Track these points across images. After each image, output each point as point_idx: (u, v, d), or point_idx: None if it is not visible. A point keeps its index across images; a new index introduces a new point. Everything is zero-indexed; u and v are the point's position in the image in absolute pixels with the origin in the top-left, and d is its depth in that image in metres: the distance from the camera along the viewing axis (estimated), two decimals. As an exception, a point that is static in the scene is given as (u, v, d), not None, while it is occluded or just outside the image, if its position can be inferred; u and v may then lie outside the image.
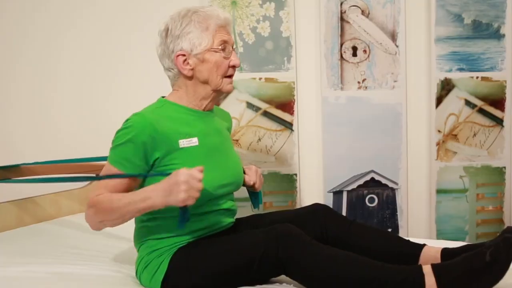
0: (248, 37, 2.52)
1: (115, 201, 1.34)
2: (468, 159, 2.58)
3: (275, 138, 2.56)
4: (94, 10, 2.58)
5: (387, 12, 2.53)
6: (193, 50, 1.48)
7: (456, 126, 2.57)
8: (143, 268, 1.44)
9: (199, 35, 1.48)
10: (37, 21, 2.57)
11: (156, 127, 1.40)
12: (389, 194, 2.59)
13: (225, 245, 1.39)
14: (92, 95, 2.56)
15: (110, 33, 2.57)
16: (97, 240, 1.84)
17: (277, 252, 1.28)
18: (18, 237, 1.86)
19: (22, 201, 2.05)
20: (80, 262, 1.55)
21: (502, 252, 1.16)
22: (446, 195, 2.59)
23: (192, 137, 1.46)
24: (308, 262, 1.25)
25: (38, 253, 1.63)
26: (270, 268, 1.30)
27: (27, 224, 2.03)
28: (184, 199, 1.29)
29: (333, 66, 2.54)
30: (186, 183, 1.28)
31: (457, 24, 2.54)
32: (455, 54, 2.54)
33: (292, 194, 2.57)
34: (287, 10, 2.51)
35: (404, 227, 2.59)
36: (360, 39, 2.54)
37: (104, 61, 2.57)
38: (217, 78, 1.51)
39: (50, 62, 2.58)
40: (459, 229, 2.60)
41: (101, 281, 1.39)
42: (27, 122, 2.58)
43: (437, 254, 1.38)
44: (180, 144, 1.44)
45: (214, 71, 1.50)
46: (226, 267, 1.35)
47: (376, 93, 2.55)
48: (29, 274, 1.41)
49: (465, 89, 2.56)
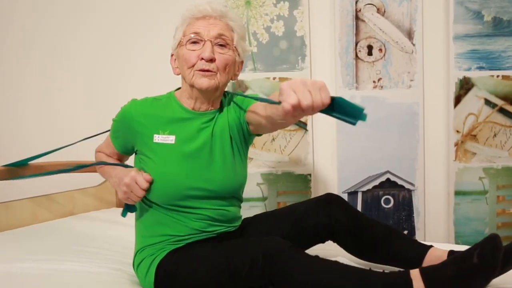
0: (262, 36, 2.52)
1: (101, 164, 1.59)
2: (488, 160, 2.51)
3: (289, 138, 2.55)
4: (103, 9, 2.62)
5: (404, 10, 2.49)
6: (173, 48, 1.50)
7: (476, 126, 2.51)
8: (137, 265, 1.46)
9: (178, 31, 1.48)
10: (46, 21, 2.64)
11: (136, 117, 1.46)
12: (405, 196, 2.54)
13: (216, 255, 1.34)
14: (101, 93, 2.62)
15: (119, 32, 2.61)
16: (107, 238, 1.88)
17: (264, 265, 1.23)
18: (31, 233, 1.91)
19: (38, 197, 2.11)
20: (83, 259, 1.58)
21: (488, 253, 1.12)
22: (465, 197, 2.52)
23: (170, 135, 1.44)
24: (295, 274, 1.20)
25: (46, 249, 1.67)
26: (256, 280, 1.26)
27: (42, 221, 2.09)
28: (122, 198, 1.41)
29: (348, 65, 2.51)
30: (127, 186, 1.38)
31: (477, 22, 2.47)
32: (475, 52, 2.47)
33: (306, 194, 2.55)
34: (301, 9, 2.50)
35: (421, 229, 2.54)
36: (376, 38, 2.51)
37: (112, 59, 2.62)
38: (187, 72, 1.43)
39: (59, 61, 2.65)
40: (478, 232, 2.53)
41: (96, 279, 1.42)
42: (37, 121, 2.66)
43: (443, 254, 1.34)
44: (154, 138, 1.45)
45: (185, 65, 1.44)
46: (213, 279, 1.31)
47: (392, 92, 2.51)
48: (31, 270, 1.44)
49: (484, 88, 2.49)
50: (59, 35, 2.64)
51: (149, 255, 1.43)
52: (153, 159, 1.44)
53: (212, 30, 1.42)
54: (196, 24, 1.44)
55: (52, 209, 2.13)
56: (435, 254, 1.29)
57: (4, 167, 1.93)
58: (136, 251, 1.49)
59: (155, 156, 1.44)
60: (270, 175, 2.55)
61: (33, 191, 2.12)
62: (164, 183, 1.41)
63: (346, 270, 1.21)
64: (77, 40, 2.64)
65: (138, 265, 1.45)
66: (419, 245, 1.37)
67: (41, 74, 2.66)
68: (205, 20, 1.44)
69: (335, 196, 1.49)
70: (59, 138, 2.21)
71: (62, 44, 2.64)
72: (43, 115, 2.66)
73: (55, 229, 1.96)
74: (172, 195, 1.42)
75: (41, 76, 2.66)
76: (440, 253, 1.30)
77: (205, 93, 1.45)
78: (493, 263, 1.11)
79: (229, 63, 1.46)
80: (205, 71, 1.41)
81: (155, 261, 1.41)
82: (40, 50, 2.65)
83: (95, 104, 2.62)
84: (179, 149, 1.44)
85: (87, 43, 2.64)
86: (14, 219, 2.00)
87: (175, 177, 1.41)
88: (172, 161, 1.42)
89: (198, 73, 1.42)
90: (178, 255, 1.39)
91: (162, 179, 1.41)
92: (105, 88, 2.62)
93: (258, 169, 2.55)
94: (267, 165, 2.55)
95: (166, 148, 1.43)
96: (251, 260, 1.24)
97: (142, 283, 1.44)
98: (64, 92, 2.65)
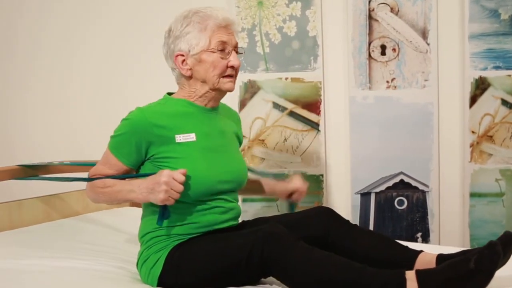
0: (274, 37, 2.52)
1: (108, 188, 1.46)
2: (505, 161, 2.46)
3: (301, 139, 2.54)
4: (112, 10, 2.66)
5: (418, 9, 2.45)
6: (190, 51, 1.51)
7: (492, 127, 2.46)
8: (142, 262, 1.48)
9: (196, 36, 1.50)
10: (55, 21, 2.71)
11: (153, 122, 1.47)
12: (419, 197, 2.51)
13: (217, 245, 1.39)
14: (110, 95, 2.65)
15: (126, 34, 2.65)
16: (115, 236, 1.90)
17: (262, 253, 1.27)
18: (42, 231, 1.95)
19: (50, 197, 2.14)
20: (88, 258, 1.61)
21: (486, 259, 1.12)
22: (481, 199, 2.48)
23: (190, 133, 1.50)
24: (290, 263, 1.24)
25: (53, 247, 1.71)
26: (256, 269, 1.30)
27: (54, 219, 2.13)
28: (163, 199, 1.35)
29: (361, 65, 2.49)
30: (166, 184, 1.34)
31: (493, 20, 2.42)
32: (491, 52, 2.43)
33: (318, 195, 2.54)
34: (314, 9, 2.49)
35: (435, 231, 2.51)
36: (389, 37, 2.48)
37: (121, 61, 2.66)
38: (214, 78, 1.52)
39: (68, 62, 2.72)
40: (495, 235, 2.45)
41: (97, 276, 1.44)
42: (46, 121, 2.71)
43: (432, 259, 1.33)
44: (176, 139, 1.48)
45: (211, 71, 1.51)
46: (215, 268, 1.36)
47: (406, 92, 2.48)
48: (34, 267, 1.48)
49: (501, 88, 2.44)
50: (68, 36, 2.69)
51: (156, 251, 1.46)
52: (178, 159, 1.47)
53: (233, 39, 1.55)
54: (220, 32, 1.52)
55: (64, 208, 2.17)
56: (425, 258, 1.30)
57: (19, 167, 1.98)
58: (143, 249, 1.50)
59: (180, 156, 1.48)
60: (282, 176, 2.54)
61: (46, 190, 2.16)
62: (195, 179, 1.45)
63: (341, 263, 1.24)
64: (86, 41, 2.68)
65: (144, 261, 1.47)
66: (410, 251, 1.39)
67: (50, 75, 2.72)
68: (227, 29, 1.53)
69: (325, 209, 1.54)
70: (68, 139, 2.25)
71: (71, 45, 2.69)
72: (53, 116, 2.70)
73: (65, 228, 1.99)
74: (203, 190, 1.47)
75: (51, 77, 2.72)
76: (430, 258, 1.31)
77: (225, 94, 1.59)
78: (489, 269, 1.12)
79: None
80: (232, 76, 1.55)
81: (162, 256, 1.44)
82: (49, 50, 2.71)
83: (104, 104, 2.66)
84: (201, 145, 1.50)
85: (96, 44, 2.68)
86: (26, 218, 2.03)
87: (205, 172, 1.47)
88: (198, 157, 1.48)
89: (224, 79, 1.53)
90: (183, 248, 1.43)
91: (193, 175, 1.45)
92: (115, 90, 2.66)
93: (270, 169, 2.54)
94: (279, 165, 2.55)
95: (189, 146, 1.49)
96: (251, 245, 1.29)
97: (144, 279, 1.47)
98: (74, 94, 2.71)
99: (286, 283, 1.30)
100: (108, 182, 1.48)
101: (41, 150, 2.61)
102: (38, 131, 2.72)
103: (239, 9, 2.51)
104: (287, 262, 1.25)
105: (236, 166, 1.58)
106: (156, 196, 1.36)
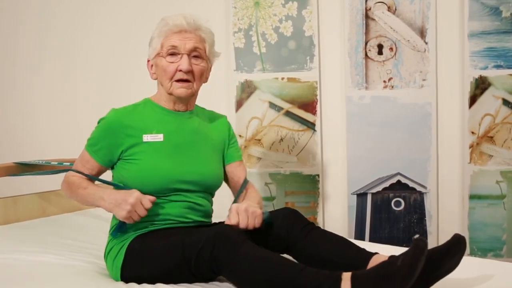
0: (270, 37, 2.53)
1: (81, 189, 1.54)
2: (506, 163, 2.40)
3: (298, 138, 2.54)
4: (115, 10, 2.72)
5: (416, 8, 2.42)
6: (150, 56, 1.61)
7: (492, 127, 2.40)
8: (107, 253, 1.53)
9: (155, 41, 1.58)
10: (58, 21, 2.78)
11: (125, 123, 1.55)
12: (416, 198, 2.47)
13: (171, 239, 1.42)
14: (114, 94, 2.71)
15: (131, 34, 2.69)
16: (99, 233, 1.95)
17: (212, 252, 1.29)
18: (36, 227, 2.01)
19: (46, 193, 2.22)
20: (65, 253, 1.66)
21: (409, 256, 1.15)
22: (481, 201, 2.42)
23: (158, 133, 1.55)
24: (236, 263, 1.26)
25: (36, 243, 1.76)
26: (207, 267, 1.32)
27: (50, 215, 2.20)
28: (124, 217, 1.43)
29: (357, 64, 2.47)
30: (132, 205, 1.42)
31: (494, 18, 2.36)
32: (492, 50, 2.37)
33: (314, 195, 2.53)
34: (310, 9, 2.49)
35: (433, 233, 2.46)
36: (386, 37, 2.45)
37: (125, 60, 2.70)
38: (166, 82, 1.57)
39: (72, 61, 2.79)
40: (495, 238, 2.42)
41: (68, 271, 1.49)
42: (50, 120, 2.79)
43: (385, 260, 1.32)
44: (143, 138, 1.54)
45: (163, 75, 1.57)
46: (169, 263, 1.39)
47: (403, 92, 2.45)
48: (12, 261, 1.54)
49: (502, 87, 2.37)
50: (72, 36, 2.77)
51: (118, 242, 1.51)
52: (143, 156, 1.54)
53: (188, 43, 1.56)
54: (172, 37, 1.56)
55: (59, 204, 2.23)
56: (378, 260, 1.29)
57: (14, 164, 2.07)
58: (108, 240, 1.56)
59: (145, 154, 1.54)
60: (278, 175, 2.55)
61: (42, 186, 2.23)
62: (156, 175, 1.52)
63: (283, 263, 1.25)
64: (90, 41, 2.75)
65: (108, 252, 1.52)
66: (365, 253, 1.39)
67: (55, 75, 2.80)
68: (181, 34, 1.56)
69: (290, 210, 1.54)
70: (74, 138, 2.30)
71: (75, 45, 2.77)
72: (58, 115, 2.79)
73: (57, 224, 2.05)
74: (163, 186, 1.52)
75: (55, 77, 2.80)
76: (383, 259, 1.30)
77: (183, 99, 1.61)
78: (412, 264, 1.13)
79: (204, 72, 1.62)
80: (183, 81, 1.56)
81: (124, 246, 1.48)
82: (54, 51, 2.79)
83: (108, 103, 2.69)
84: (168, 145, 1.56)
85: (101, 44, 2.74)
86: (22, 213, 2.11)
87: (167, 169, 1.53)
88: (163, 156, 1.54)
89: (176, 84, 1.57)
90: (142, 240, 1.47)
91: (155, 171, 1.52)
92: (119, 89, 2.71)
93: (266, 169, 2.56)
94: (275, 165, 2.56)
95: (155, 145, 1.56)
96: (203, 243, 1.32)
97: (110, 271, 1.51)
98: (78, 93, 2.78)
99: (233, 281, 1.32)
100: (83, 183, 1.55)
101: (47, 149, 2.70)
102: (43, 130, 2.82)
103: (236, 10, 2.53)
104: (233, 261, 1.26)
105: (202, 169, 1.59)
106: (119, 212, 1.44)
